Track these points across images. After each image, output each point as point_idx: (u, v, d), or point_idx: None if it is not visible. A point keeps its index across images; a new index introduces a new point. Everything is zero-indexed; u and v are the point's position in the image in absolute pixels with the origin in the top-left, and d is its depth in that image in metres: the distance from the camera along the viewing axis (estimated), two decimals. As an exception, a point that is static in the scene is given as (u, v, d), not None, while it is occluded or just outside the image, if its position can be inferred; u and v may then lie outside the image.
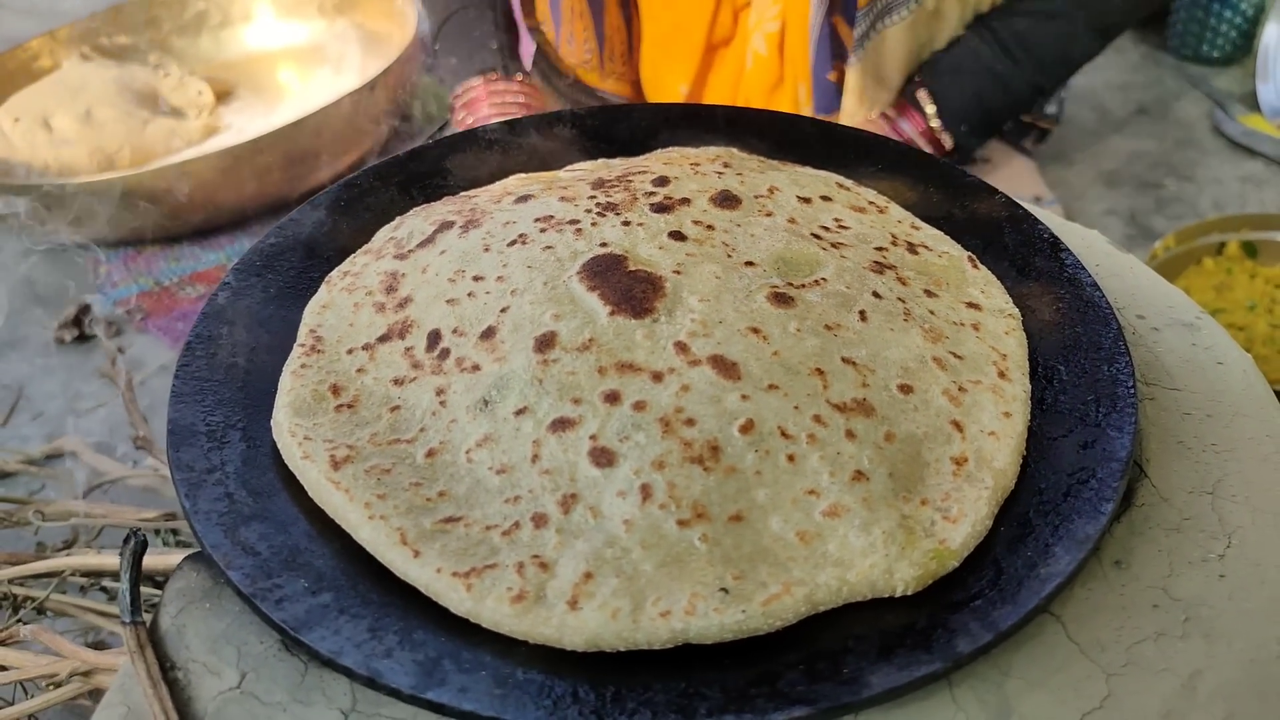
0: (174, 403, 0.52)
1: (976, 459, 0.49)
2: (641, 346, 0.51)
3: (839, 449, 0.47)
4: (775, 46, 1.22)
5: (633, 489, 0.45)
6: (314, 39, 1.63)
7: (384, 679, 0.40)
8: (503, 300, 0.54)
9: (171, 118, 1.47)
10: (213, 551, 0.45)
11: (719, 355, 0.50)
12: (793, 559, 0.44)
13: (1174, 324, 0.60)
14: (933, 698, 0.42)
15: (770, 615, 0.42)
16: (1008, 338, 0.55)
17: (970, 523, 0.46)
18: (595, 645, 0.42)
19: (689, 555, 0.44)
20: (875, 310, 0.54)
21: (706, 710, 0.40)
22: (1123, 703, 0.43)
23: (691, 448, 0.46)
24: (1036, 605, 0.43)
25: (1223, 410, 0.55)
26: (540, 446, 0.47)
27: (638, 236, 0.57)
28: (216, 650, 0.45)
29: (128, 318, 1.25)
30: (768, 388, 0.49)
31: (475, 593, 0.43)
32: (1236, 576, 0.47)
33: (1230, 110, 1.45)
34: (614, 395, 0.48)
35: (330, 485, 0.47)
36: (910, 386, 0.50)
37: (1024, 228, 0.61)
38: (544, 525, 0.45)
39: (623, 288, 0.53)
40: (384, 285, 0.57)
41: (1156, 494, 0.50)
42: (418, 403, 0.51)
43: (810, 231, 0.59)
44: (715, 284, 0.54)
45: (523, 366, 0.50)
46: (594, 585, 0.43)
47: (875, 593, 0.44)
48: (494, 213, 0.60)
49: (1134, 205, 1.35)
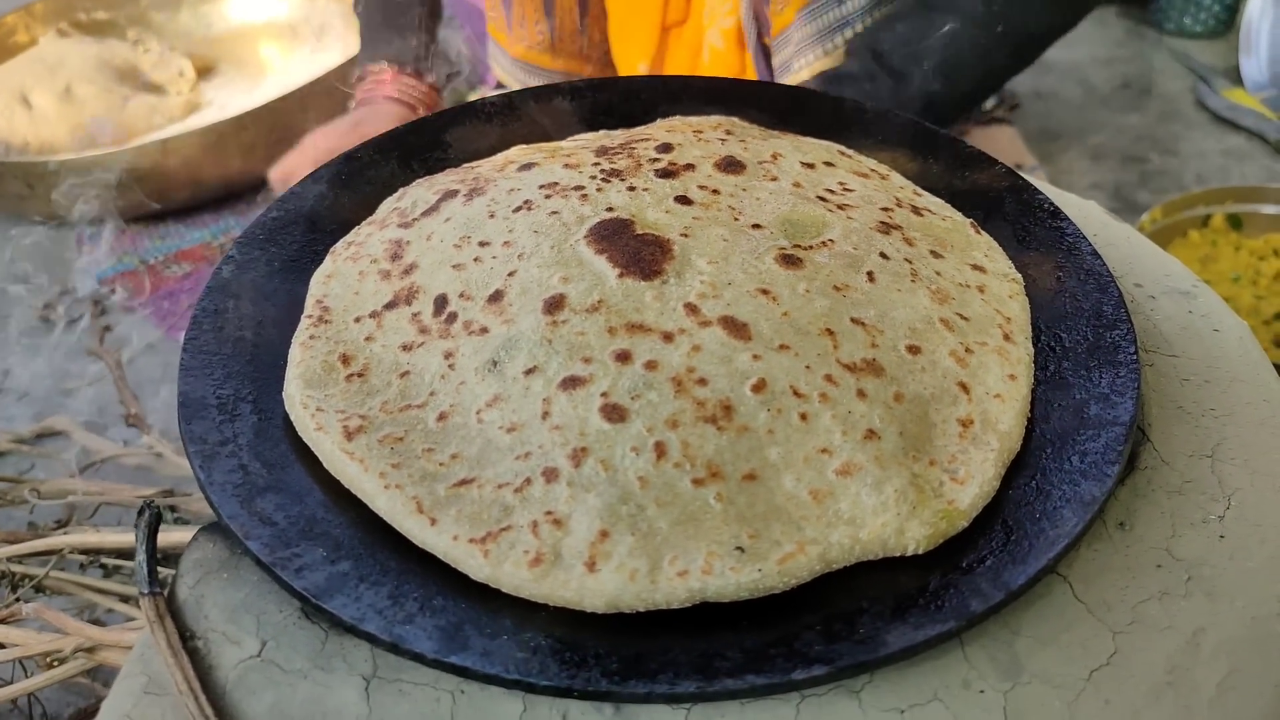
0: (183, 376, 0.52)
1: (982, 421, 0.49)
2: (651, 308, 0.51)
3: (850, 408, 0.48)
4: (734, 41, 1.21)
5: (646, 446, 0.46)
6: (296, 13, 1.61)
7: (408, 644, 0.41)
8: (510, 265, 0.54)
9: (152, 94, 1.46)
10: (230, 522, 0.45)
11: (729, 316, 0.50)
12: (806, 518, 0.45)
13: (1171, 292, 0.61)
14: (946, 656, 0.43)
15: (785, 574, 0.43)
16: (1011, 301, 0.55)
17: (977, 484, 0.47)
18: (615, 607, 0.42)
19: (704, 514, 0.44)
20: (883, 271, 0.54)
21: (727, 670, 0.40)
22: (1129, 659, 0.44)
23: (704, 407, 0.47)
24: (1045, 565, 0.44)
25: (1220, 376, 0.56)
26: (550, 404, 0.48)
27: (644, 201, 0.57)
28: (236, 619, 0.45)
29: (113, 296, 1.24)
30: (779, 348, 0.49)
31: (493, 558, 0.43)
32: (1236, 537, 0.48)
33: (1214, 84, 1.46)
34: (625, 355, 0.49)
35: (345, 456, 0.47)
36: (918, 347, 0.51)
37: (1024, 197, 0.62)
38: (555, 479, 0.45)
39: (631, 250, 0.53)
40: (389, 253, 0.57)
41: (1158, 457, 0.51)
42: (426, 367, 0.51)
43: (816, 195, 0.59)
44: (723, 246, 0.54)
45: (531, 327, 0.50)
46: (610, 545, 0.43)
47: (886, 551, 0.45)
48: (498, 180, 0.60)
49: (1118, 179, 1.36)
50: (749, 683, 0.40)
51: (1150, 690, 0.43)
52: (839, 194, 0.60)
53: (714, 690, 0.40)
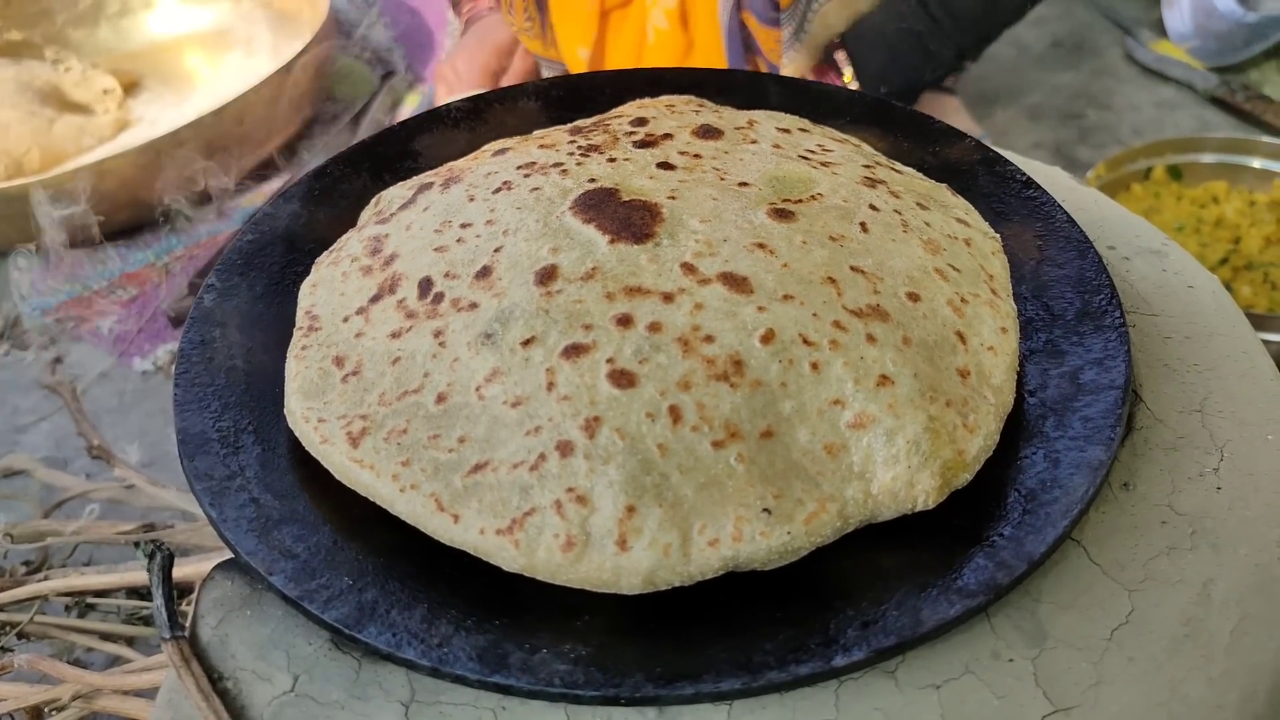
0: (179, 412, 0.50)
1: (978, 373, 0.50)
2: (647, 270, 0.50)
3: (862, 353, 0.47)
4: (677, 21, 1.21)
5: (661, 411, 0.45)
6: (220, 22, 1.57)
7: (449, 668, 0.41)
8: (495, 241, 0.53)
9: (79, 114, 1.41)
10: (250, 558, 0.44)
11: (728, 272, 0.49)
12: (821, 473, 0.45)
13: (1143, 252, 0.63)
14: (973, 629, 0.44)
15: (812, 534, 0.43)
16: (994, 258, 0.56)
17: (983, 435, 0.47)
18: (651, 584, 0.42)
19: (727, 477, 0.44)
20: (875, 222, 0.54)
21: (768, 664, 0.41)
22: (1146, 615, 0.45)
23: (714, 365, 0.46)
24: (1063, 533, 0.45)
25: (1199, 331, 0.58)
26: (555, 374, 0.46)
27: (626, 170, 0.56)
28: (265, 656, 0.44)
29: (59, 326, 1.21)
30: (783, 298, 0.49)
31: (524, 548, 0.43)
32: (1233, 487, 0.50)
33: (1140, 37, 1.50)
34: (626, 319, 0.48)
35: (355, 465, 0.46)
36: (918, 295, 0.51)
37: (996, 169, 0.63)
38: (571, 453, 0.44)
39: (620, 217, 0.52)
40: (368, 249, 0.56)
41: (1152, 416, 0.53)
42: (417, 349, 0.49)
43: (797, 154, 0.59)
44: (713, 205, 0.53)
45: (525, 299, 0.49)
46: (639, 520, 0.43)
47: (898, 505, 0.45)
48: (474, 168, 0.59)
49: (1058, 137, 1.39)
50: (792, 674, 0.40)
51: (1170, 643, 0.44)
52: (819, 154, 0.60)
53: (759, 685, 0.40)
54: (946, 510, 0.46)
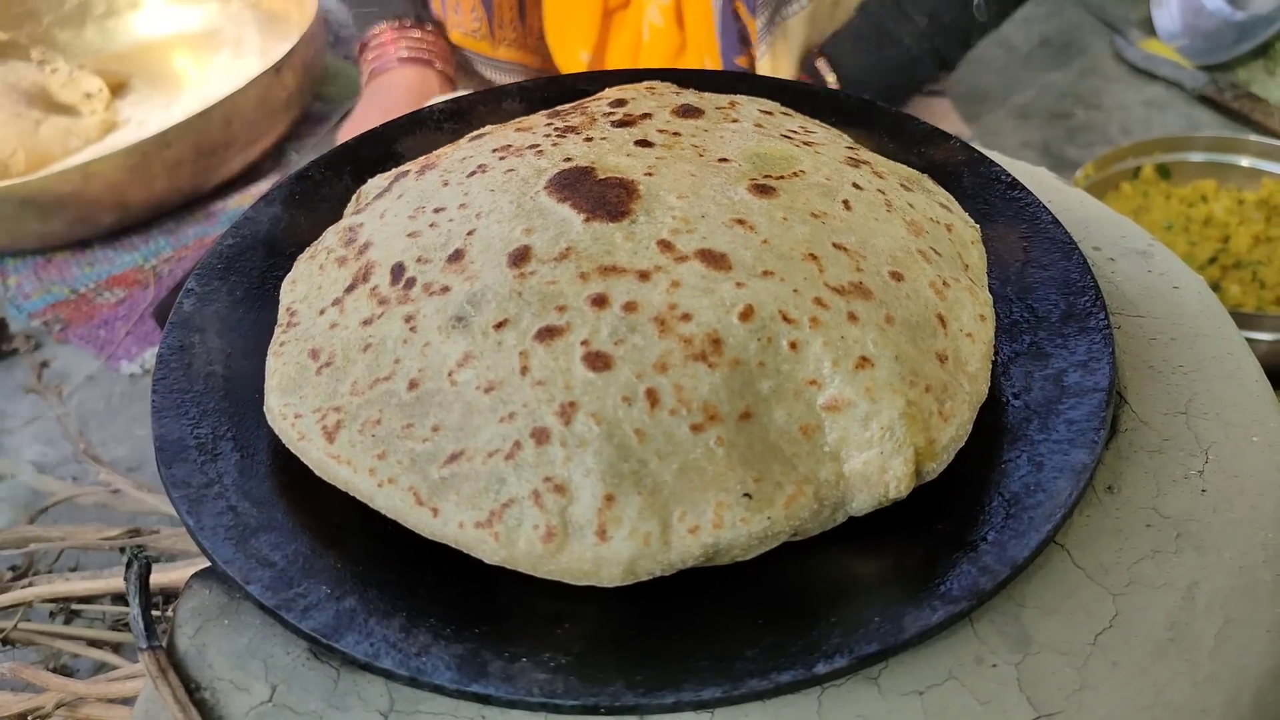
0: (157, 418, 0.50)
1: (955, 359, 0.49)
2: (623, 248, 0.49)
3: (843, 333, 0.46)
4: (672, 18, 1.20)
5: (638, 395, 0.44)
6: (208, 23, 1.56)
7: (427, 677, 0.40)
8: (468, 224, 0.51)
9: (65, 116, 1.40)
10: (227, 567, 0.44)
11: (706, 249, 0.48)
12: (797, 455, 0.44)
13: (1128, 253, 0.63)
14: (957, 634, 0.44)
15: (791, 517, 0.43)
16: (972, 248, 0.55)
17: (956, 425, 0.47)
18: (632, 574, 0.42)
19: (707, 461, 0.43)
20: (858, 200, 0.53)
21: (750, 671, 0.40)
22: (1130, 620, 0.45)
23: (692, 344, 0.45)
24: (1046, 537, 0.45)
25: (1184, 332, 0.58)
26: (529, 358, 0.45)
27: (603, 149, 0.55)
28: (242, 666, 0.44)
29: (46, 329, 1.20)
30: (763, 274, 0.47)
31: (504, 540, 0.42)
32: (1217, 490, 0.50)
33: (1129, 36, 1.50)
34: (601, 299, 0.46)
35: (332, 461, 0.46)
36: (901, 274, 0.50)
37: (981, 170, 0.63)
38: (546, 441, 0.43)
39: (595, 195, 0.51)
40: (343, 240, 0.55)
41: (1137, 418, 0.53)
42: (388, 334, 0.48)
43: (780, 133, 0.58)
44: (691, 181, 0.52)
45: (497, 281, 0.48)
46: (618, 509, 0.42)
47: (869, 490, 0.45)
48: (450, 153, 0.58)
49: (1046, 136, 1.39)
50: (774, 681, 0.40)
51: (1154, 648, 0.44)
52: (802, 134, 0.59)
53: (741, 693, 0.40)
54: (929, 515, 0.46)
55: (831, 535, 0.46)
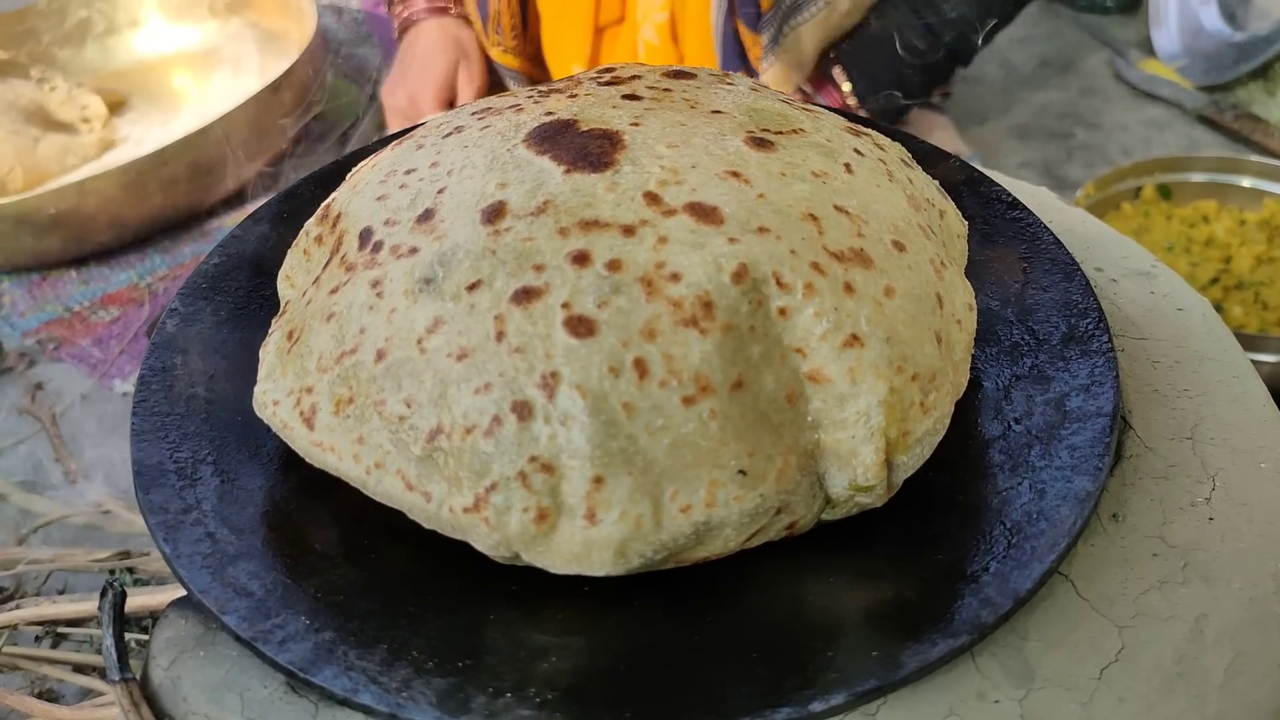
0: (136, 442, 0.49)
1: (946, 343, 0.46)
2: (605, 200, 0.44)
3: (836, 304, 0.43)
4: (667, 35, 1.20)
5: (625, 365, 0.40)
6: (208, 41, 1.56)
7: (408, 714, 0.39)
8: (439, 183, 0.48)
9: (63, 134, 1.40)
10: (203, 597, 0.43)
11: (696, 202, 0.44)
12: (783, 423, 0.42)
13: (1131, 274, 0.62)
14: (958, 668, 0.42)
15: (781, 491, 0.41)
16: (959, 241, 0.53)
17: (934, 418, 0.45)
18: (623, 558, 0.40)
19: (701, 437, 0.41)
20: (859, 165, 0.49)
21: (744, 709, 0.39)
22: (1137, 653, 0.44)
23: (681, 308, 0.41)
24: (1050, 567, 0.43)
25: (1189, 355, 0.56)
26: (504, 322, 0.41)
27: (587, 103, 0.51)
28: (218, 699, 0.42)
29: (39, 348, 1.19)
30: (757, 230, 0.43)
31: (494, 524, 0.40)
32: (1225, 518, 0.49)
33: (1129, 57, 1.49)
34: (582, 256, 0.42)
35: (317, 450, 0.44)
36: (904, 245, 0.47)
37: (982, 190, 0.61)
38: (529, 416, 0.40)
39: (576, 146, 0.47)
40: (319, 217, 0.52)
41: (1141, 444, 0.51)
42: (353, 301, 0.45)
43: (776, 99, 0.55)
44: (681, 131, 0.48)
45: (469, 239, 0.44)
46: (608, 491, 0.40)
47: (841, 467, 0.43)
48: (431, 121, 0.55)
49: (1046, 156, 1.38)
50: (767, 719, 0.39)
51: (1162, 683, 0.43)
52: (799, 105, 0.56)
53: (732, 730, 0.38)
54: (928, 544, 0.45)
55: (827, 564, 0.45)
